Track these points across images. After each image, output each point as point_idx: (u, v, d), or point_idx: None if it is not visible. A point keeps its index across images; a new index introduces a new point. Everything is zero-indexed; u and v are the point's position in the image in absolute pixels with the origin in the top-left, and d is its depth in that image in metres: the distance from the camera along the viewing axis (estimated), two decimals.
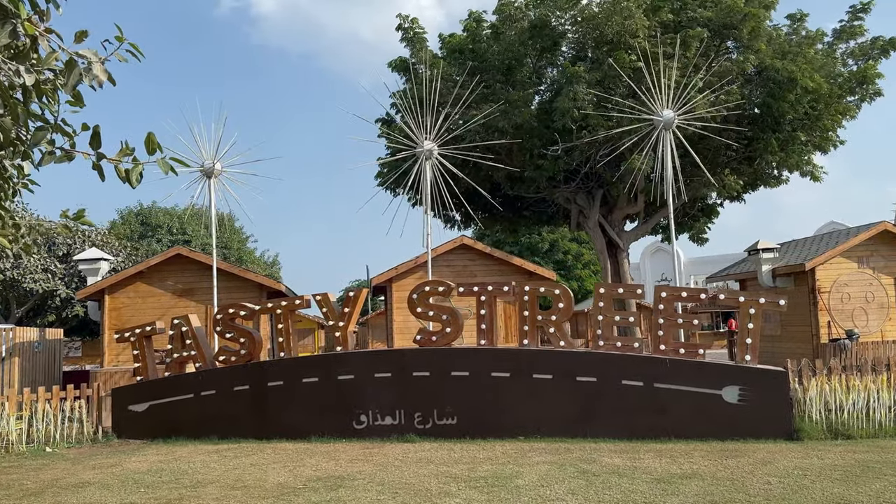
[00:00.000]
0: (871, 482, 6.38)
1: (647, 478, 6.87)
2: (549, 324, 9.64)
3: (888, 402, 8.71)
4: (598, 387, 9.26)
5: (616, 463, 7.64)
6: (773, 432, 8.64)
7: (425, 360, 9.91)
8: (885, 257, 17.26)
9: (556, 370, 9.43)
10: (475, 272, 16.20)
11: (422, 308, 10.11)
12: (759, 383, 8.77)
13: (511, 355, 9.66)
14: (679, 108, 11.93)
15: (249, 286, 15.22)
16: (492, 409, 9.55)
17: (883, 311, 17.09)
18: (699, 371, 8.96)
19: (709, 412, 8.85)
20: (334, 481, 7.20)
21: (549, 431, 9.31)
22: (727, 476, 6.81)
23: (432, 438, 9.58)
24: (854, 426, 8.62)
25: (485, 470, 7.48)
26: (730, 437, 8.70)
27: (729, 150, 16.98)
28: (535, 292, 9.75)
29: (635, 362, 9.20)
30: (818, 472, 6.83)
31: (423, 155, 12.43)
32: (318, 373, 10.19)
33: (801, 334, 17.46)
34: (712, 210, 21.37)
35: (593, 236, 18.57)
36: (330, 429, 9.99)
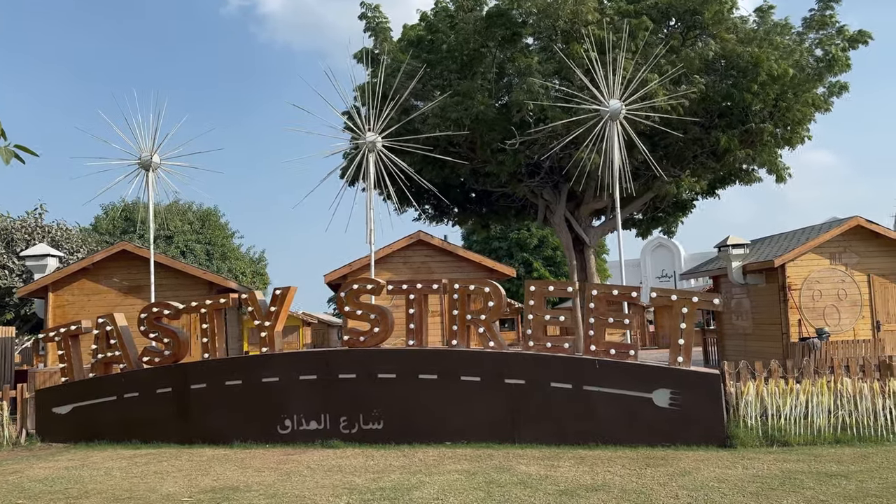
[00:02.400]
0: (785, 496, 5.94)
1: (552, 489, 6.44)
2: (479, 323, 9.20)
3: (828, 406, 8.26)
4: (527, 389, 8.83)
5: (530, 472, 7.20)
6: (705, 438, 8.20)
7: (351, 361, 9.48)
8: (858, 253, 16.78)
9: (484, 372, 8.99)
10: (433, 268, 15.75)
11: (350, 307, 9.68)
12: (692, 387, 8.33)
13: (438, 356, 9.23)
14: (628, 98, 11.46)
15: (198, 283, 14.81)
16: (419, 414, 9.12)
17: (856, 309, 16.62)
18: (629, 373, 8.51)
19: (639, 417, 8.41)
20: (225, 493, 6.78)
21: (476, 436, 8.88)
22: (636, 488, 6.37)
23: (357, 444, 9.16)
24: (791, 432, 8.17)
25: (390, 480, 7.05)
26: (660, 444, 8.27)
27: (695, 144, 16.50)
28: (465, 290, 9.31)
29: (564, 364, 8.76)
30: (734, 484, 6.38)
31: (365, 147, 11.97)
32: (241, 375, 9.76)
33: (772, 333, 17.00)
34: (686, 205, 20.89)
35: (559, 232, 18.10)
36: (254, 434, 9.58)
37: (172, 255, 40.00)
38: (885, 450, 7.65)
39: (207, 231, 42.65)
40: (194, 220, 42.69)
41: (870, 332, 16.60)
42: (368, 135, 11.97)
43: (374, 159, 12.03)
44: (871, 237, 16.70)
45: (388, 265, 15.65)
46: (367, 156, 12.02)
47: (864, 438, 8.07)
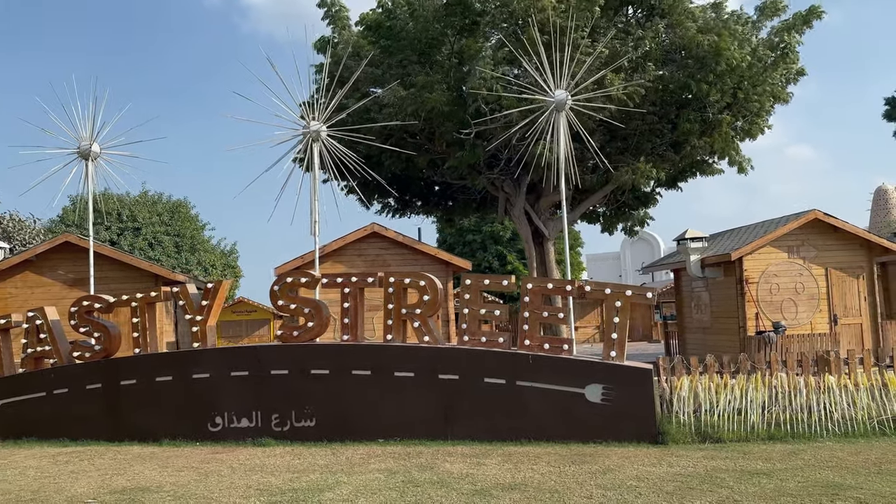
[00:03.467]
0: (701, 496, 5.80)
1: (468, 489, 6.25)
2: (414, 317, 8.99)
3: (762, 402, 8.15)
4: (461, 385, 8.64)
5: (452, 470, 7.02)
6: (636, 435, 8.06)
7: (283, 357, 9.23)
8: (816, 247, 16.77)
9: (418, 368, 8.79)
10: (388, 261, 15.52)
11: (284, 301, 9.43)
12: (624, 382, 8.18)
13: (372, 352, 9.00)
14: (577, 88, 11.25)
15: (143, 275, 14.46)
16: (352, 410, 8.90)
17: (813, 303, 16.63)
18: (562, 368, 8.35)
19: (571, 412, 8.25)
20: (133, 494, 6.53)
21: (410, 433, 8.68)
22: (553, 487, 6.21)
23: (288, 442, 8.93)
24: (725, 428, 8.06)
25: (307, 480, 6.83)
26: (592, 440, 8.12)
27: (654, 135, 16.37)
28: (401, 284, 9.08)
29: (498, 359, 8.58)
30: (653, 484, 6.24)
31: (309, 136, 11.67)
32: (172, 371, 9.48)
33: (730, 326, 16.98)
34: (649, 198, 20.78)
35: (519, 225, 17.93)
36: (184, 431, 9.31)
37: (140, 247, 39.44)
38: (815, 447, 7.55)
39: (176, 223, 42.04)
40: (163, 212, 42.06)
41: (827, 326, 16.62)
42: (313, 124, 11.67)
43: (318, 149, 11.73)
44: (828, 231, 16.70)
45: (341, 258, 15.41)
46: (310, 145, 11.71)
47: (798, 435, 7.97)
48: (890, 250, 17.23)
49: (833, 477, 6.23)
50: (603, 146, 17.13)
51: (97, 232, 38.80)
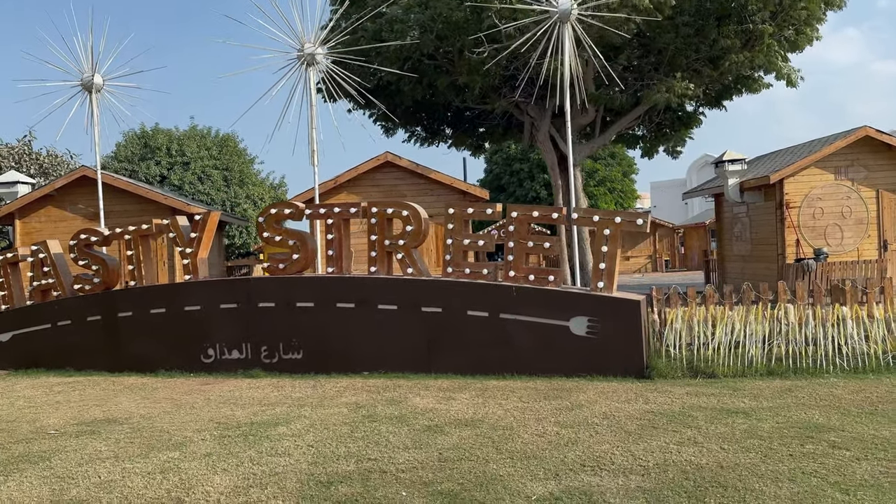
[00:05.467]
0: (660, 436, 5.38)
1: (423, 425, 6.02)
2: (398, 249, 8.65)
3: (761, 336, 7.54)
4: (444, 318, 8.33)
5: (420, 405, 6.80)
6: (623, 369, 7.63)
7: (270, 290, 9.10)
8: (866, 167, 15.49)
9: (401, 300, 8.51)
10: (404, 191, 15.16)
11: (269, 233, 9.23)
12: (610, 314, 7.69)
13: (356, 284, 8.76)
14: None
15: (160, 209, 14.56)
16: (337, 343, 8.75)
17: (861, 228, 15.49)
18: (547, 300, 7.91)
19: (556, 345, 7.86)
20: (97, 426, 6.58)
21: (393, 366, 8.49)
22: (509, 424, 5.90)
23: (277, 374, 8.90)
24: (719, 363, 7.51)
25: (271, 414, 6.74)
26: (576, 374, 7.73)
27: (689, 48, 15.12)
28: (384, 214, 8.72)
29: (481, 291, 8.20)
30: (616, 422, 5.85)
31: (304, 60, 11.19)
32: (165, 304, 9.52)
33: (770, 254, 16.04)
34: (692, 119, 19.52)
35: (544, 151, 17.13)
36: (179, 362, 9.40)
37: (189, 181, 40.18)
38: (816, 383, 6.96)
39: (224, 157, 42.49)
40: (212, 146, 42.53)
41: (876, 253, 15.49)
42: (307, 46, 11.17)
43: (314, 74, 11.27)
44: (881, 149, 15.36)
45: (356, 188, 15.13)
46: (306, 70, 11.25)
47: (801, 370, 7.37)
48: None
49: (817, 417, 5.69)
50: (635, 62, 16.04)
51: (148, 167, 39.73)
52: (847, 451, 4.77)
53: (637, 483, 4.39)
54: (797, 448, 4.91)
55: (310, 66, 11.30)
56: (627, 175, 47.76)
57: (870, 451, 4.77)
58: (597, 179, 45.56)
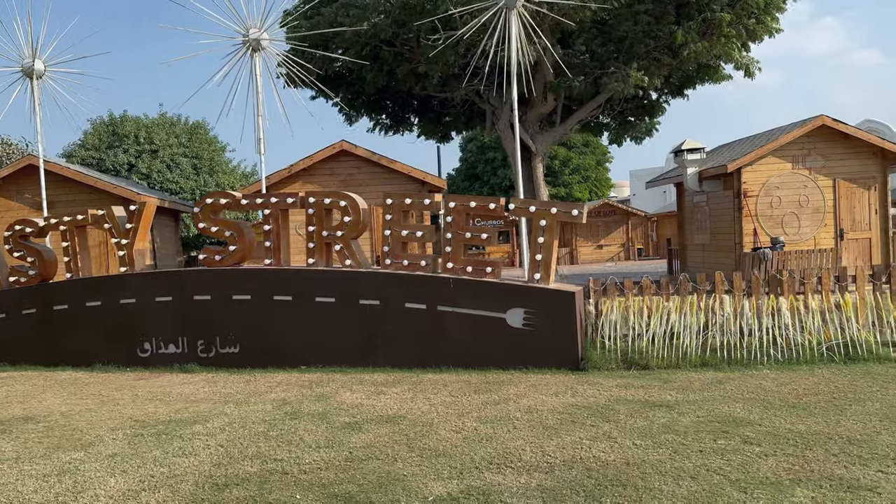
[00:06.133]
0: (577, 431, 5.30)
1: (344, 422, 5.89)
2: (336, 240, 8.48)
3: (696, 327, 7.48)
4: (382, 311, 8.19)
5: (347, 400, 6.66)
6: (558, 361, 7.54)
7: (205, 282, 8.89)
8: (824, 156, 15.52)
9: (339, 293, 8.35)
10: (361, 180, 14.95)
11: (205, 223, 9.01)
12: (546, 306, 7.59)
13: (293, 277, 8.58)
14: None
15: (111, 198, 14.21)
16: (274, 337, 8.58)
17: (818, 217, 15.55)
18: (484, 292, 7.79)
19: (493, 338, 7.75)
20: (11, 424, 6.37)
21: (331, 360, 8.34)
22: (431, 420, 5.78)
23: (213, 369, 8.71)
24: (654, 355, 7.45)
25: (193, 412, 6.57)
26: (513, 366, 7.64)
27: (647, 37, 15.02)
28: (322, 204, 8.53)
29: (419, 283, 8.06)
30: (539, 416, 5.75)
31: (249, 45, 10.92)
32: (101, 296, 9.27)
33: (728, 243, 16.06)
34: (655, 108, 19.46)
35: (504, 139, 16.94)
36: (116, 356, 9.17)
37: (157, 169, 39.57)
38: (747, 375, 6.92)
39: (194, 144, 41.88)
40: (181, 134, 41.89)
41: (833, 242, 15.57)
42: (251, 32, 10.90)
43: (260, 60, 11.00)
44: (838, 138, 15.39)
45: (312, 177, 14.90)
46: (251, 56, 10.99)
47: (735, 361, 7.32)
48: None
49: (739, 411, 5.63)
50: (594, 51, 15.91)
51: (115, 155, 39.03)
52: (757, 447, 4.71)
53: (539, 481, 4.30)
54: (709, 443, 4.85)
55: (255, 52, 11.03)
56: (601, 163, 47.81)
57: (780, 446, 4.71)
58: (571, 168, 45.58)
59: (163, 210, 16.09)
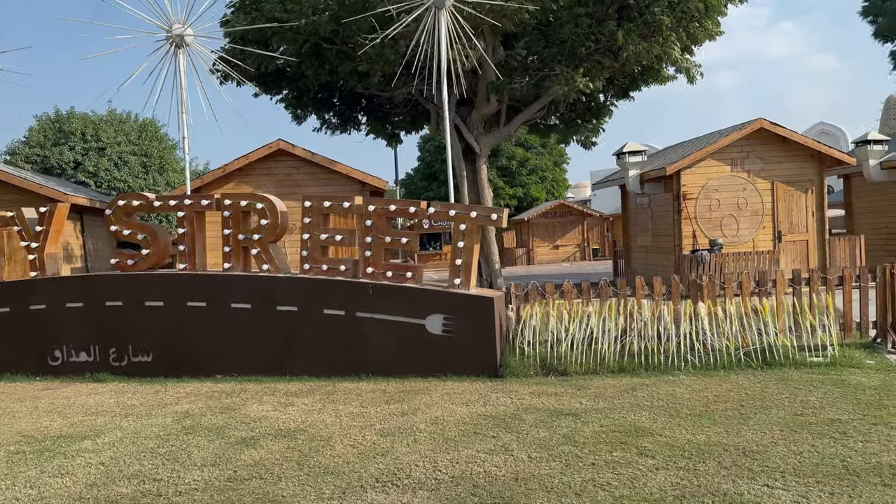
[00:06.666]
0: (478, 443, 5.14)
1: (240, 437, 5.64)
2: (253, 244, 8.19)
3: (615, 332, 7.41)
4: (300, 317, 7.94)
5: (252, 413, 6.40)
6: (477, 368, 7.40)
7: (117, 287, 8.53)
8: (762, 159, 15.71)
9: (255, 299, 8.07)
10: (300, 181, 14.64)
11: (118, 226, 8.64)
12: (465, 311, 7.44)
13: (207, 282, 8.27)
14: None
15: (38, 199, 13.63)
16: (188, 345, 8.26)
17: (756, 219, 15.73)
18: (402, 298, 7.60)
19: (412, 345, 7.57)
20: None
21: (248, 369, 8.06)
22: (330, 434, 5.57)
23: (125, 378, 8.35)
24: (572, 361, 7.35)
25: (87, 425, 6.25)
26: (433, 373, 7.47)
27: (588, 39, 14.99)
28: (237, 207, 8.25)
29: (337, 288, 7.84)
30: (442, 428, 5.59)
31: (173, 42, 10.54)
32: (9, 302, 8.83)
33: (669, 245, 16.16)
34: (601, 110, 19.49)
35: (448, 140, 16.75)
36: (26, 365, 8.75)
37: (104, 167, 38.49)
38: (662, 381, 6.86)
39: (144, 142, 40.87)
40: (130, 131, 40.84)
41: (771, 244, 15.78)
42: (175, 27, 10.53)
43: (184, 56, 10.64)
44: (776, 141, 15.60)
45: (248, 178, 14.53)
46: (175, 52, 10.61)
47: (653, 367, 7.26)
48: (842, 162, 16.16)
49: (644, 420, 5.54)
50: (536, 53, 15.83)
51: (61, 152, 37.85)
52: (651, 460, 4.61)
53: (422, 499, 4.12)
54: (605, 455, 4.73)
55: (179, 48, 10.66)
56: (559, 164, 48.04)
57: (675, 459, 4.62)
58: (528, 168, 45.71)
59: (100, 211, 15.53)
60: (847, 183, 19.80)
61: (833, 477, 4.16)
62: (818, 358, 7.30)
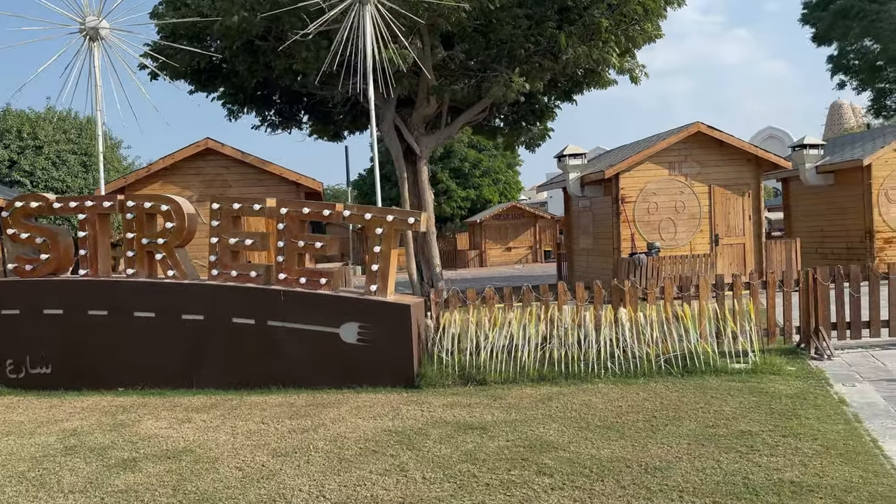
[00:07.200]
0: (374, 462, 4.83)
1: (119, 458, 5.22)
2: (158, 248, 7.73)
3: (535, 339, 7.19)
4: (207, 326, 7.51)
5: (145, 430, 5.97)
6: (394, 378, 7.09)
7: (15, 294, 7.96)
8: (699, 163, 15.78)
9: (160, 307, 7.61)
10: (229, 181, 14.13)
11: (15, 229, 8.07)
12: (381, 319, 7.13)
13: (108, 289, 7.78)
14: None
15: None
16: (90, 356, 7.75)
17: (694, 223, 15.78)
18: (315, 305, 7.25)
19: (327, 354, 7.22)
20: None
21: (153, 381, 7.60)
22: (220, 454, 5.19)
23: (22, 391, 7.79)
24: (491, 370, 7.11)
25: None
26: (348, 385, 7.13)
27: (528, 41, 14.84)
28: (141, 209, 7.78)
29: (247, 296, 7.44)
30: (341, 446, 5.26)
31: (87, 35, 9.97)
32: None
33: (609, 248, 16.11)
34: (545, 112, 19.39)
35: (388, 140, 16.44)
36: None
37: (42, 166, 37.03)
38: (580, 390, 6.65)
39: (84, 141, 39.46)
40: (70, 129, 39.38)
41: (708, 247, 15.85)
42: (90, 20, 9.96)
43: (98, 50, 10.08)
44: (713, 145, 15.68)
45: (174, 178, 13.95)
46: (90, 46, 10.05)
47: (573, 375, 7.06)
48: (779, 166, 16.35)
49: (552, 433, 5.31)
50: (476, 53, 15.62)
51: None
52: (549, 479, 4.36)
53: None
54: (502, 474, 4.47)
55: (93, 42, 10.09)
56: (512, 167, 48.07)
57: (573, 477, 4.38)
58: (481, 170, 45.60)
59: None
60: (786, 186, 20.12)
61: (732, 496, 3.97)
62: (740, 365, 7.20)
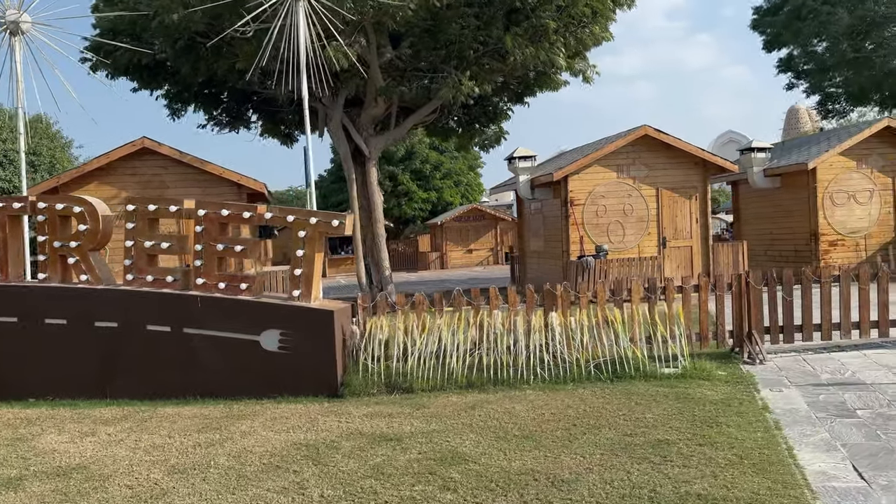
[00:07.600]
0: (276, 480, 4.59)
1: (7, 476, 4.88)
2: (71, 251, 7.35)
3: (464, 345, 7.00)
4: (121, 334, 7.16)
5: (43, 446, 5.62)
6: (316, 387, 6.84)
7: None
8: (647, 165, 15.80)
9: (71, 313, 7.24)
10: (167, 181, 13.69)
11: None
12: (304, 326, 6.87)
13: (17, 295, 7.38)
14: None
15: None
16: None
17: (642, 225, 15.80)
18: (234, 312, 6.96)
19: (246, 364, 6.93)
20: None
21: (65, 392, 7.22)
22: (112, 472, 4.89)
23: None
24: (419, 377, 6.90)
25: None
26: (269, 395, 6.85)
27: (476, 42, 14.69)
28: (54, 210, 7.39)
29: (162, 302, 7.12)
30: (244, 462, 5.00)
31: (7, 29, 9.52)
32: None
33: (559, 251, 16.04)
34: (499, 114, 19.29)
35: (336, 141, 16.16)
36: None
37: None
38: (506, 397, 6.48)
39: (33, 141, 38.24)
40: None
41: (656, 249, 15.89)
42: (9, 13, 9.50)
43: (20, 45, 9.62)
44: (660, 148, 15.72)
45: (110, 178, 13.48)
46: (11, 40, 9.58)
47: (501, 381, 6.89)
48: (725, 169, 16.48)
49: (467, 445, 5.12)
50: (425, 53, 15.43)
51: None
52: (452, 494, 4.17)
53: None
54: (405, 490, 4.26)
55: (14, 36, 9.64)
56: (473, 168, 47.98)
57: (476, 492, 4.19)
58: (443, 172, 45.40)
59: None
60: (735, 190, 20.34)
61: None
62: (670, 369, 7.11)
